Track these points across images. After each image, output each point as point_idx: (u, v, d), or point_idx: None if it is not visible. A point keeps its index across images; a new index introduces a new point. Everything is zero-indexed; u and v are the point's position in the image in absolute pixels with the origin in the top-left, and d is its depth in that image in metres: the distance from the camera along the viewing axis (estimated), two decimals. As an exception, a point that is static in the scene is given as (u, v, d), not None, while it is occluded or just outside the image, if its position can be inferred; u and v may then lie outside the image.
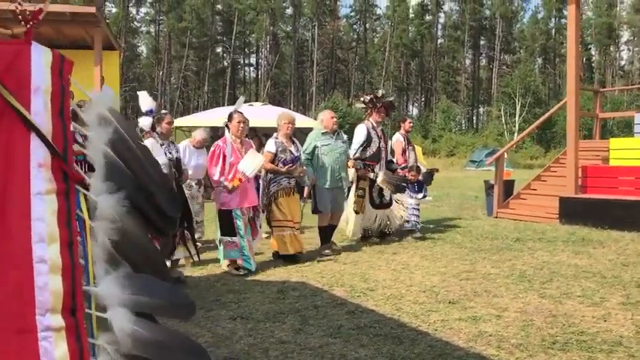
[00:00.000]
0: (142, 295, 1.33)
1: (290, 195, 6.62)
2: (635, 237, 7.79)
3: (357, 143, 7.70)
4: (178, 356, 1.42)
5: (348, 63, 73.17)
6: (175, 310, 1.48)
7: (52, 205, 1.22)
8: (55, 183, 1.23)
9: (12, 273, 1.17)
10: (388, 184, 7.58)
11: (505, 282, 5.40)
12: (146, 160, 1.44)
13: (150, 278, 1.38)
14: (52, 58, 1.22)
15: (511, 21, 73.02)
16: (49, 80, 1.22)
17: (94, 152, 1.31)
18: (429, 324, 4.17)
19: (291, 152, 6.61)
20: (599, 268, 5.93)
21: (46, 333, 1.20)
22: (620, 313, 4.36)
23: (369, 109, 7.96)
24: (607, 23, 68.86)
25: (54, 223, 1.21)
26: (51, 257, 1.21)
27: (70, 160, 1.23)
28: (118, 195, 1.32)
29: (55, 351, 1.19)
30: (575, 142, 9.64)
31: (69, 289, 1.23)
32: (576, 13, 9.46)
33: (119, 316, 1.29)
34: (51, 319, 1.21)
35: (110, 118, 1.35)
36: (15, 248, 1.17)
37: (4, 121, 1.17)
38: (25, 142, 1.20)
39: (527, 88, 54.53)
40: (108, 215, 1.30)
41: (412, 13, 72.82)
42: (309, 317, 4.37)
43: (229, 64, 69.48)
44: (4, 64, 1.18)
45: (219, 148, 6.02)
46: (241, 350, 3.66)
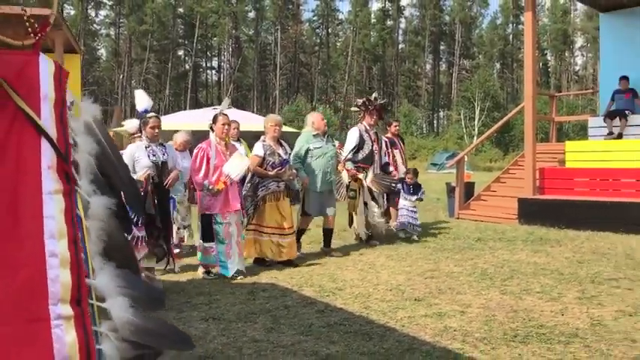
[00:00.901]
0: (127, 287, 1.42)
1: (279, 199, 6.45)
2: (590, 235, 8.12)
3: (349, 145, 7.69)
4: (168, 342, 1.55)
5: (311, 67, 73.50)
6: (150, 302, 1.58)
7: (60, 204, 1.30)
8: (62, 184, 1.31)
9: (26, 267, 1.25)
10: (378, 184, 7.59)
11: (468, 280, 5.60)
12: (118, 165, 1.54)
13: (129, 272, 1.48)
14: (54, 68, 1.30)
15: (470, 27, 74.54)
16: (53, 89, 1.29)
17: (82, 157, 1.38)
18: (396, 320, 4.31)
19: (279, 155, 6.47)
20: (557, 265, 6.19)
21: (58, 321, 1.29)
22: (577, 307, 4.58)
23: (362, 113, 7.96)
24: (562, 29, 70.92)
25: (62, 221, 1.29)
26: (61, 252, 1.30)
27: (70, 162, 1.31)
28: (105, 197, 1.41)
29: (65, 337, 1.28)
30: (532, 145, 9.98)
31: (75, 281, 1.32)
32: (533, 20, 9.81)
33: (117, 305, 1.39)
34: (62, 308, 1.30)
35: (94, 127, 1.44)
36: (29, 244, 1.25)
37: (15, 124, 1.24)
38: (35, 146, 1.27)
39: (486, 93, 55.74)
40: (98, 215, 1.39)
41: (374, 19, 73.61)
42: (280, 317, 4.47)
43: (191, 68, 68.97)
44: (16, 72, 1.25)
45: (203, 151, 5.91)
46: (215, 349, 3.74)
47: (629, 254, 6.71)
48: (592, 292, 5.04)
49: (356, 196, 7.59)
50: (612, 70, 11.35)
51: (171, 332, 1.61)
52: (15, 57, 1.30)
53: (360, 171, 7.59)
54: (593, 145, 10.70)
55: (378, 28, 72.47)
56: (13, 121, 1.25)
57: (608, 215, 8.65)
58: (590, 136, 11.50)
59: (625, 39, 11.36)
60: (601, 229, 8.45)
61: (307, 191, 6.98)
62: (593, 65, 67.88)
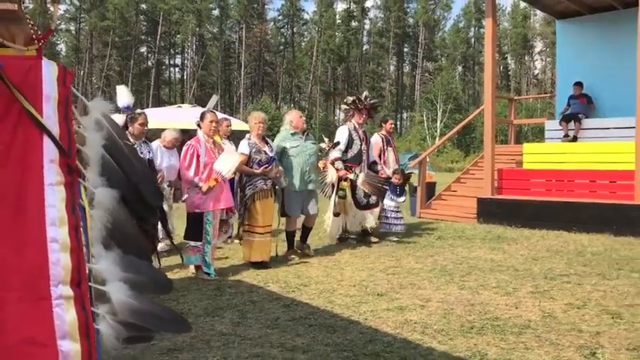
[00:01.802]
0: (131, 272, 1.54)
1: (267, 197, 6.36)
2: (545, 234, 8.47)
3: (339, 144, 7.61)
4: (165, 324, 1.66)
5: (276, 66, 73.52)
6: (156, 287, 1.70)
7: (61, 194, 1.42)
8: (63, 176, 1.43)
9: (30, 251, 1.37)
10: (369, 185, 7.47)
11: (428, 276, 5.81)
12: (133, 158, 1.66)
13: (135, 259, 1.59)
14: (57, 70, 1.42)
15: (433, 29, 75.66)
16: (56, 90, 1.42)
17: (91, 151, 1.51)
18: (359, 314, 4.48)
19: (265, 153, 6.38)
20: (513, 262, 6.46)
21: (58, 301, 1.41)
22: (530, 301, 4.83)
23: (351, 111, 7.92)
24: (522, 34, 72.61)
25: (63, 210, 1.42)
26: (61, 238, 1.42)
27: (73, 156, 1.44)
28: (112, 188, 1.53)
29: (65, 315, 1.41)
30: (491, 146, 10.30)
31: (75, 265, 1.44)
32: (493, 26, 10.13)
33: (116, 289, 1.51)
34: (62, 289, 1.42)
35: (104, 122, 1.56)
36: (32, 230, 1.38)
37: (21, 122, 1.37)
38: (38, 142, 1.40)
39: (448, 95, 56.77)
40: (103, 205, 1.51)
41: (339, 19, 74.05)
42: (247, 311, 4.58)
43: (154, 65, 68.23)
44: (21, 76, 1.37)
45: (193, 148, 5.79)
46: (184, 342, 3.83)
47: (580, 252, 7.04)
48: (545, 286, 5.30)
49: (345, 196, 7.43)
50: (568, 76, 11.77)
51: (169, 315, 1.72)
52: (21, 62, 1.42)
53: (350, 170, 7.48)
54: (549, 147, 11.10)
55: (343, 29, 72.97)
56: (19, 120, 1.37)
57: (562, 215, 9.01)
58: (546, 138, 11.91)
59: (580, 46, 11.82)
60: (555, 227, 8.81)
61: (286, 191, 6.80)
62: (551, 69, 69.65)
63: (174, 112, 15.60)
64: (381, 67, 76.41)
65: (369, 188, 7.48)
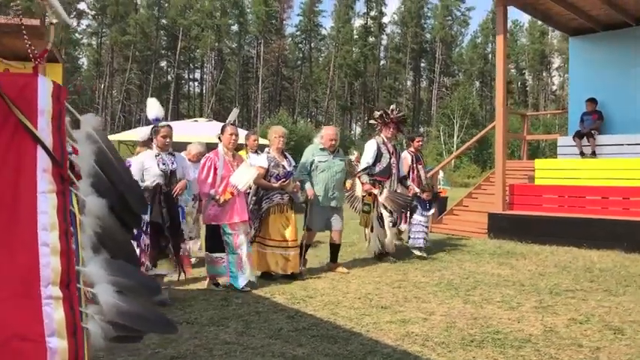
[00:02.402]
0: (119, 276, 1.65)
1: (283, 212, 6.36)
2: (555, 250, 8.45)
3: (364, 160, 7.53)
4: (151, 325, 1.77)
5: (293, 81, 74.03)
6: (145, 290, 1.80)
7: (52, 202, 1.53)
8: (55, 184, 1.54)
9: (23, 253, 1.49)
10: (392, 202, 7.36)
11: (434, 289, 5.86)
12: (121, 169, 1.77)
13: (124, 263, 1.70)
14: (52, 86, 1.54)
15: (450, 45, 75.73)
16: (51, 105, 1.54)
17: (83, 162, 1.63)
18: (361, 326, 4.54)
19: (283, 167, 6.40)
20: (519, 277, 6.48)
21: (48, 300, 1.52)
22: (533, 315, 4.86)
23: (379, 125, 7.80)
24: (540, 50, 72.39)
25: (54, 216, 1.53)
26: (52, 242, 1.52)
27: (65, 166, 1.55)
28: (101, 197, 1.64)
29: (54, 314, 1.52)
30: (502, 162, 10.32)
31: (65, 268, 1.54)
32: (504, 43, 10.19)
33: (103, 291, 1.61)
34: (52, 290, 1.53)
35: (95, 135, 1.68)
36: (25, 234, 1.49)
37: (16, 134, 1.49)
38: (32, 152, 1.51)
39: (465, 110, 56.67)
40: (93, 212, 1.62)
41: (356, 35, 74.45)
42: (252, 321, 4.67)
43: (173, 79, 69.07)
44: (18, 91, 1.49)
45: (210, 160, 5.87)
46: (187, 350, 3.93)
47: (588, 267, 7.03)
48: (549, 302, 5.31)
49: (370, 211, 7.33)
50: (581, 92, 11.76)
51: (156, 317, 1.82)
52: (18, 78, 1.55)
53: (377, 185, 7.40)
54: (561, 163, 11.08)
55: (360, 45, 73.33)
56: (15, 132, 1.49)
57: (573, 231, 8.99)
58: (559, 154, 11.88)
59: (593, 62, 11.81)
60: (566, 244, 8.78)
61: (311, 205, 6.81)
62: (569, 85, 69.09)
63: (191, 126, 15.83)
64: (397, 82, 76.58)
65: (391, 205, 7.38)
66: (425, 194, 8.13)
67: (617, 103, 11.11)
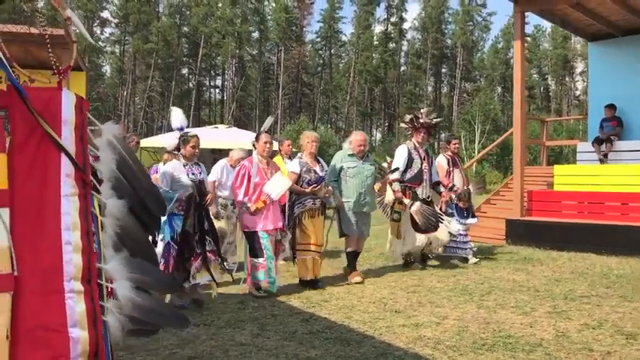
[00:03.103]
0: (137, 273, 1.78)
1: (315, 217, 6.40)
2: (572, 256, 8.43)
3: (396, 164, 7.43)
4: (166, 319, 1.90)
5: (314, 87, 74.26)
6: (162, 286, 1.93)
7: (75, 204, 1.67)
8: (77, 188, 1.68)
9: (48, 250, 1.63)
10: (421, 216, 7.18)
11: (448, 294, 5.91)
12: (140, 174, 1.90)
13: (143, 262, 1.83)
14: (75, 99, 1.67)
15: (472, 50, 75.34)
16: (74, 116, 1.68)
17: (104, 168, 1.76)
18: (375, 329, 4.62)
19: (315, 172, 6.42)
20: (535, 283, 6.49)
21: (70, 294, 1.66)
22: (546, 320, 4.89)
23: (410, 130, 7.72)
24: (562, 55, 71.69)
25: (77, 217, 1.67)
26: (74, 240, 1.66)
27: (87, 171, 1.69)
28: (121, 199, 1.77)
29: (76, 307, 1.65)
30: (521, 168, 10.32)
31: (86, 264, 1.68)
32: (521, 48, 10.21)
33: (122, 286, 1.74)
34: (74, 284, 1.66)
35: (115, 143, 1.81)
36: (50, 233, 1.63)
37: (42, 144, 1.64)
38: (57, 159, 1.65)
39: (486, 116, 56.31)
40: (113, 213, 1.75)
41: (376, 41, 74.46)
42: (267, 324, 4.78)
43: (195, 86, 69.76)
44: (44, 105, 1.64)
45: (245, 168, 5.94)
46: (204, 351, 4.05)
47: (605, 274, 7.02)
48: (563, 307, 5.34)
49: (400, 219, 7.24)
50: (601, 98, 11.71)
51: (170, 312, 1.95)
52: (44, 92, 1.70)
53: (408, 192, 7.30)
54: (580, 169, 11.03)
55: (380, 51, 73.29)
56: (41, 141, 1.63)
57: (591, 237, 8.94)
58: (578, 160, 11.84)
59: (612, 68, 11.76)
60: (584, 250, 8.74)
61: (341, 212, 6.80)
62: (593, 90, 68.33)
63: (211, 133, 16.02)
64: (418, 88, 76.34)
65: (420, 219, 7.21)
66: (461, 202, 7.98)
67: (637, 109, 11.03)
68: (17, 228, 1.60)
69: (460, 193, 8.11)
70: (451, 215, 7.88)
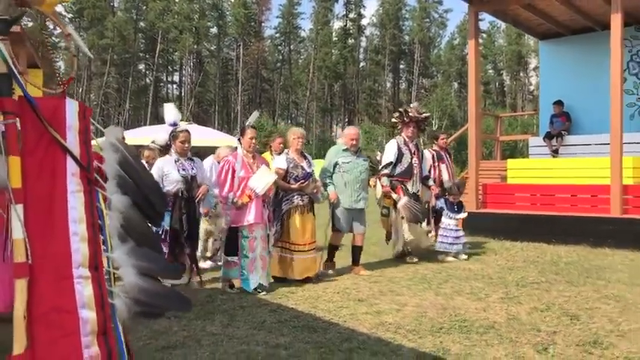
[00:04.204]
0: (142, 261, 1.98)
1: (304, 213, 6.36)
2: (525, 246, 8.86)
3: (386, 159, 7.49)
4: (170, 302, 2.10)
5: (273, 83, 74.28)
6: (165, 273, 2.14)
7: (80, 199, 1.87)
8: (82, 185, 1.88)
9: (58, 241, 1.81)
10: (408, 211, 7.24)
11: (408, 283, 6.21)
12: (142, 172, 2.11)
13: (148, 251, 2.03)
14: (78, 106, 1.86)
15: (429, 47, 76.53)
16: (77, 121, 1.87)
17: (108, 167, 1.96)
18: (339, 317, 4.87)
19: (302, 168, 6.40)
20: (489, 271, 6.86)
21: (79, 279, 1.85)
22: (498, 305, 5.22)
23: (399, 124, 7.74)
24: (516, 51, 73.44)
25: (82, 211, 1.86)
26: (81, 232, 1.85)
27: (91, 170, 1.89)
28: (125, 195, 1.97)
29: (84, 291, 1.85)
30: (476, 162, 10.73)
31: (92, 253, 1.88)
32: (475, 47, 10.63)
33: (127, 272, 1.94)
34: (82, 271, 1.86)
35: (118, 144, 2.00)
36: (59, 225, 1.82)
37: (50, 147, 1.82)
38: (63, 160, 1.85)
39: (443, 111, 57.51)
40: (118, 207, 1.95)
41: (335, 37, 74.93)
42: (236, 315, 4.97)
43: (152, 82, 68.89)
44: (51, 112, 1.83)
45: (228, 163, 5.90)
46: (177, 341, 4.22)
47: (555, 261, 7.44)
48: (515, 293, 5.69)
49: (388, 214, 7.35)
50: (551, 94, 12.25)
51: (174, 295, 2.16)
52: (50, 101, 1.89)
53: (399, 185, 7.35)
54: (532, 163, 11.53)
55: (340, 47, 73.83)
56: (49, 145, 1.82)
57: (543, 228, 9.40)
58: (530, 154, 12.35)
59: (561, 65, 12.32)
60: (536, 240, 9.18)
61: (335, 207, 6.81)
62: (545, 86, 70.16)
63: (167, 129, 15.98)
64: (377, 84, 77.18)
65: (407, 214, 7.27)
66: (451, 197, 7.94)
67: (585, 105, 11.58)
68: (30, 221, 1.79)
69: (449, 187, 8.11)
70: (441, 210, 7.94)
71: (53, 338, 1.78)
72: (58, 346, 1.79)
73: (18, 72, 1.74)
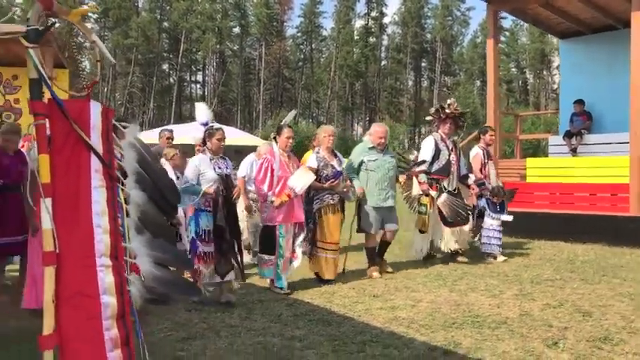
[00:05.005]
0: (157, 251, 2.13)
1: (335, 212, 6.30)
2: (542, 244, 8.89)
3: (422, 156, 7.36)
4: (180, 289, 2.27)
5: (295, 82, 74.55)
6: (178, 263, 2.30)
7: (103, 194, 2.02)
8: (105, 181, 2.03)
9: (83, 232, 1.97)
10: (448, 207, 7.08)
11: (423, 280, 6.30)
12: (157, 169, 2.27)
13: (163, 242, 2.19)
14: (101, 108, 2.01)
15: (451, 45, 76.12)
16: (100, 122, 2.02)
17: (128, 165, 2.11)
18: (354, 312, 4.99)
19: (333, 167, 6.33)
20: (504, 269, 6.91)
21: (101, 267, 2.00)
22: (512, 302, 5.29)
23: (436, 121, 7.62)
24: (540, 49, 72.66)
25: (105, 204, 2.02)
26: (103, 224, 2.01)
27: (113, 167, 2.03)
28: (142, 190, 2.12)
29: (106, 278, 2.00)
30: (495, 161, 10.73)
31: (113, 243, 2.04)
32: (494, 47, 10.65)
33: (143, 262, 2.09)
34: (104, 260, 2.02)
35: (136, 143, 2.16)
36: (84, 218, 1.98)
37: (76, 146, 1.98)
38: (87, 157, 2.00)
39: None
40: (136, 202, 2.10)
41: (357, 36, 74.91)
42: (254, 308, 5.13)
43: (175, 81, 69.63)
44: (77, 114, 1.98)
45: (268, 162, 5.88)
46: (197, 333, 4.38)
47: (571, 259, 7.47)
48: (529, 290, 5.75)
49: (426, 212, 7.02)
50: (572, 93, 12.18)
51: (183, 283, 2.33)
52: (76, 103, 2.05)
53: (435, 185, 7.18)
54: (551, 161, 11.50)
55: (361, 45, 73.81)
56: (75, 143, 1.97)
57: (561, 226, 9.40)
58: (550, 153, 12.31)
59: (582, 64, 12.24)
60: (554, 238, 9.20)
61: (362, 206, 6.67)
62: (570, 84, 69.31)
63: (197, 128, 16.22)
64: (399, 82, 76.99)
65: (447, 211, 7.08)
66: (495, 198, 7.68)
67: (606, 103, 11.50)
68: (58, 214, 1.94)
69: (494, 188, 7.77)
70: (482, 210, 7.72)
71: (78, 320, 1.94)
72: (82, 328, 1.95)
73: (47, 77, 1.89)
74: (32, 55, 1.85)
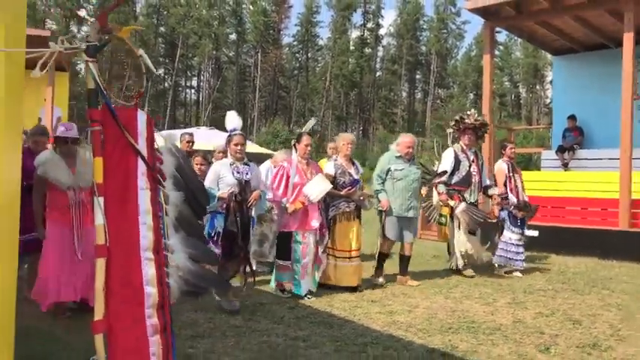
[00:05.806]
0: (191, 248, 2.34)
1: (350, 220, 6.32)
2: (534, 256, 9.10)
3: (441, 167, 7.39)
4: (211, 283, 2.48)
5: (290, 90, 74.77)
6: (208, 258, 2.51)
7: (147, 195, 2.22)
8: (149, 183, 2.22)
9: (130, 228, 2.16)
10: (467, 216, 7.13)
11: (420, 287, 6.50)
12: (190, 173, 2.47)
13: (195, 240, 2.40)
14: (145, 117, 2.21)
15: (445, 57, 76.68)
16: (145, 129, 2.22)
17: (167, 169, 2.31)
18: (354, 315, 5.19)
19: (350, 175, 6.36)
20: (498, 279, 7.13)
21: (145, 261, 2.20)
22: (505, 309, 5.50)
23: (457, 132, 7.63)
24: (533, 64, 73.34)
25: (149, 204, 2.21)
26: (148, 222, 2.21)
27: (156, 171, 2.23)
28: (179, 192, 2.33)
29: (149, 270, 2.19)
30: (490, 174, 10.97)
31: (156, 239, 2.22)
32: (491, 62, 10.90)
33: (180, 257, 2.29)
34: (147, 254, 2.21)
35: (174, 149, 2.36)
36: (132, 216, 2.17)
37: (125, 150, 2.17)
38: (135, 161, 2.20)
39: (459, 122, 57.53)
40: (174, 203, 2.31)
41: (352, 46, 75.33)
42: (257, 311, 5.31)
43: (171, 86, 69.71)
44: (127, 120, 2.18)
45: (283, 169, 5.94)
46: (204, 332, 4.56)
47: (562, 271, 7.70)
48: (521, 299, 5.97)
49: (446, 223, 7.14)
50: (564, 108, 12.50)
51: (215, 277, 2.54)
52: (126, 112, 2.24)
53: (455, 196, 7.21)
54: (544, 175, 11.78)
55: (357, 56, 74.17)
56: (125, 147, 2.17)
57: (552, 239, 9.63)
58: (542, 167, 12.59)
59: (574, 80, 12.56)
60: (546, 250, 9.42)
61: (388, 215, 6.68)
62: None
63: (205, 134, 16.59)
64: (393, 93, 77.38)
65: (466, 220, 7.14)
66: (520, 213, 7.59)
67: (597, 120, 11.82)
68: (108, 211, 2.14)
69: (519, 202, 7.67)
70: (502, 222, 7.65)
71: (124, 308, 2.13)
72: (128, 315, 2.14)
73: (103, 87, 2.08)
74: (92, 68, 2.05)
